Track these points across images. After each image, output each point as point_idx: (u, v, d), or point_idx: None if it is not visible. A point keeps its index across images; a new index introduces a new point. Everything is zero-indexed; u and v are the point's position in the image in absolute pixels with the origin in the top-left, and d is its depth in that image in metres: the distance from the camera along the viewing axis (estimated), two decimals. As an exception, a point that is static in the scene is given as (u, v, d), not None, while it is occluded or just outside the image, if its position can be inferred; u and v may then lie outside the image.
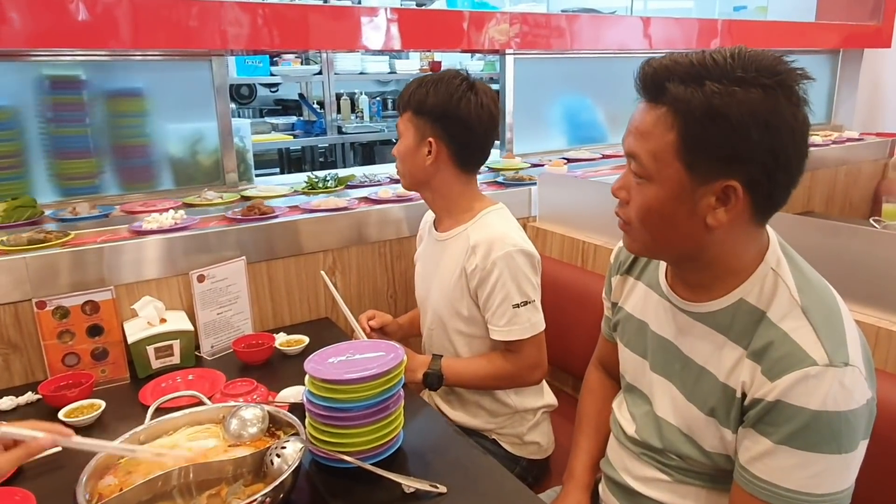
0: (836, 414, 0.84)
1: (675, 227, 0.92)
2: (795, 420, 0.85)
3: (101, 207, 1.97)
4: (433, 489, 1.08)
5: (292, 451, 1.04)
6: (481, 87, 1.49)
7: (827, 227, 1.45)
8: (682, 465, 1.06)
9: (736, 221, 0.90)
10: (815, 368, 0.84)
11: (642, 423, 1.13)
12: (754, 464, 0.90)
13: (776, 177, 0.87)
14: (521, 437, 1.60)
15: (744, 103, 0.83)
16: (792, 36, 3.49)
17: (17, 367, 1.56)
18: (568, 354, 1.92)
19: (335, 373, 1.12)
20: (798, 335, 0.88)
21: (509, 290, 1.44)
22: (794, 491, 0.87)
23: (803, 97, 0.87)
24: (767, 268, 0.94)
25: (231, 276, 1.71)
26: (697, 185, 0.88)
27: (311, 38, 2.08)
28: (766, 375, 0.88)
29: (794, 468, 0.87)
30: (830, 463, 0.86)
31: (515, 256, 1.44)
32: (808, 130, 0.88)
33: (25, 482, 1.14)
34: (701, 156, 0.87)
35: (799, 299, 0.91)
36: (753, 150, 0.85)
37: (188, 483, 1.02)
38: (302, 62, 5.10)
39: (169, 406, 1.31)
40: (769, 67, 0.85)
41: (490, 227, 1.50)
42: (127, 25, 1.77)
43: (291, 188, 2.29)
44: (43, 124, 2.03)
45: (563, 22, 2.65)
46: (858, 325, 1.30)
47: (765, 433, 0.89)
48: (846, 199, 3.42)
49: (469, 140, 1.49)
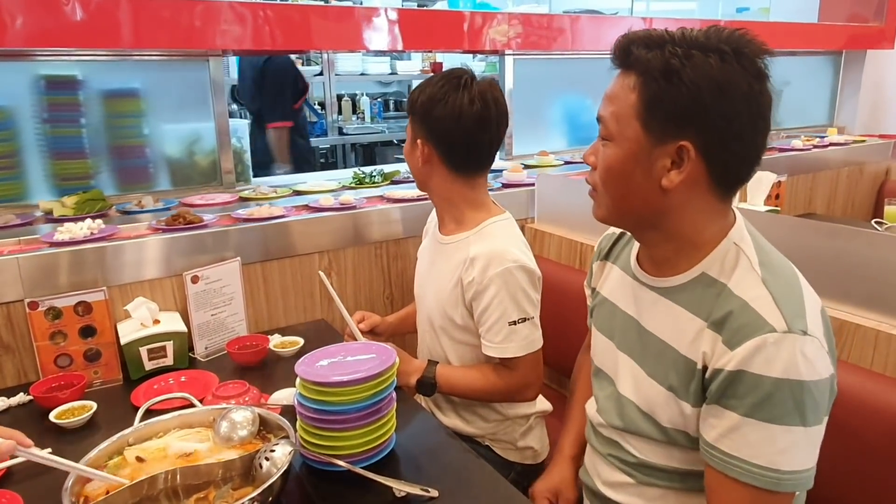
0: (799, 383, 0.84)
1: (632, 188, 0.94)
2: (758, 389, 0.85)
3: (164, 201, 2.07)
4: (424, 493, 1.07)
5: (282, 454, 1.03)
6: (478, 84, 1.42)
7: (827, 229, 1.43)
8: (644, 462, 1.06)
9: (692, 189, 0.92)
10: (773, 335, 0.84)
11: (605, 405, 1.13)
12: (722, 440, 0.90)
13: (730, 145, 0.89)
14: (514, 443, 1.58)
15: (700, 66, 0.86)
16: (794, 37, 3.47)
17: (8, 368, 1.55)
18: (565, 356, 1.90)
19: (326, 375, 1.11)
20: (757, 304, 0.88)
21: (506, 307, 1.40)
22: (762, 467, 0.86)
23: (763, 70, 0.89)
24: (730, 243, 0.95)
25: (225, 276, 1.70)
26: (653, 145, 0.91)
27: (312, 39, 2.07)
28: (727, 345, 0.88)
29: (762, 443, 0.86)
30: (796, 436, 0.86)
31: (514, 272, 1.40)
32: (767, 104, 0.90)
33: (13, 485, 1.13)
34: (657, 115, 0.90)
35: (759, 271, 0.91)
36: (706, 112, 0.87)
37: (175, 486, 1.01)
38: (303, 63, 5.09)
39: (160, 408, 1.29)
40: (731, 37, 0.88)
41: (491, 239, 1.45)
42: (124, 25, 1.76)
43: (339, 183, 2.37)
44: (39, 124, 2.02)
45: (564, 23, 2.63)
46: (859, 328, 1.30)
47: (729, 407, 0.88)
48: (848, 201, 3.40)
49: (453, 141, 1.43)
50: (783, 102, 3.93)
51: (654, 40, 0.90)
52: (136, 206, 2.00)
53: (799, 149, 3.12)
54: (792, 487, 0.87)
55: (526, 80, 2.87)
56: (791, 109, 3.92)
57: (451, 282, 1.48)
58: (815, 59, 3.90)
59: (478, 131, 1.43)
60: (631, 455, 1.09)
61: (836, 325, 1.34)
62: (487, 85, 1.43)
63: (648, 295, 1.04)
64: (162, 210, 2.00)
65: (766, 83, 0.89)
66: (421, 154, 1.46)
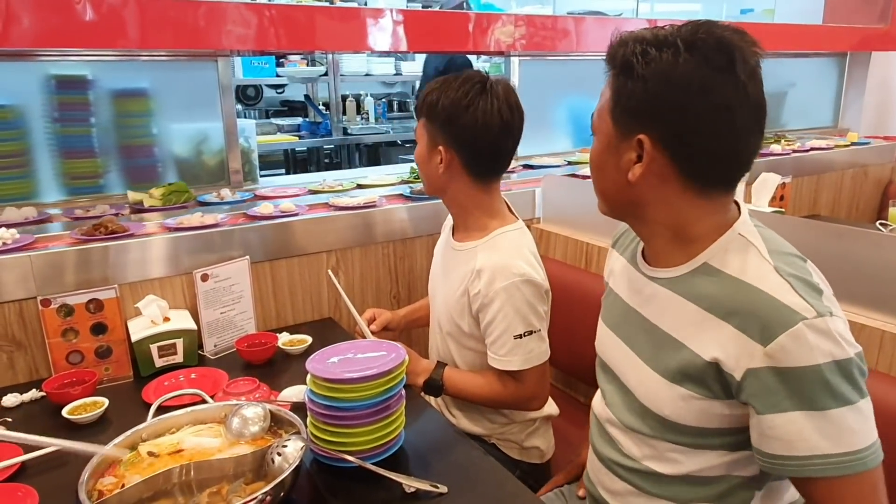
0: (847, 360, 0.83)
1: (608, 180, 0.99)
2: (811, 381, 0.82)
3: (240, 193, 2.19)
4: (434, 489, 1.08)
5: (293, 449, 1.04)
6: (499, 88, 1.40)
7: (833, 230, 1.44)
8: (646, 468, 1.04)
9: (664, 183, 0.93)
10: (805, 323, 0.82)
11: (612, 399, 1.11)
12: (796, 445, 0.85)
13: (688, 138, 0.90)
14: (520, 444, 1.59)
15: (652, 61, 0.89)
16: (799, 39, 3.47)
17: (21, 364, 1.56)
18: (572, 357, 1.91)
19: (336, 372, 1.12)
20: (778, 293, 0.86)
21: (511, 320, 1.38)
22: (845, 454, 0.83)
23: (731, 62, 0.87)
24: (734, 234, 0.95)
25: (234, 275, 1.72)
26: (621, 139, 0.94)
27: (318, 39, 2.08)
28: (758, 342, 0.85)
29: (836, 430, 0.83)
30: (861, 410, 0.84)
31: (520, 287, 1.38)
32: (736, 100, 0.88)
33: (28, 479, 1.15)
34: (621, 110, 0.94)
35: (771, 260, 0.90)
36: (659, 105, 0.89)
37: (189, 481, 1.02)
38: (308, 63, 5.11)
39: (171, 404, 1.31)
40: (693, 32, 0.89)
41: (498, 251, 1.43)
42: (133, 25, 1.77)
43: (398, 178, 2.50)
44: (49, 124, 2.04)
45: (568, 24, 2.64)
46: (864, 328, 1.31)
47: (789, 409, 0.84)
48: (853, 203, 3.40)
49: (480, 148, 1.41)
50: (788, 104, 3.94)
51: (625, 38, 0.93)
52: (216, 198, 2.12)
53: (778, 154, 3.07)
54: (876, 461, 0.85)
55: (531, 82, 2.88)
56: (796, 111, 3.93)
57: (459, 291, 1.47)
58: (819, 61, 3.91)
59: (504, 138, 1.43)
60: (631, 459, 1.06)
61: (841, 326, 1.35)
62: (506, 88, 1.42)
63: (649, 286, 1.04)
64: (238, 202, 2.10)
65: (734, 75, 0.87)
66: (443, 160, 1.44)
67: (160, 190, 2.05)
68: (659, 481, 1.03)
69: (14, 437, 1.09)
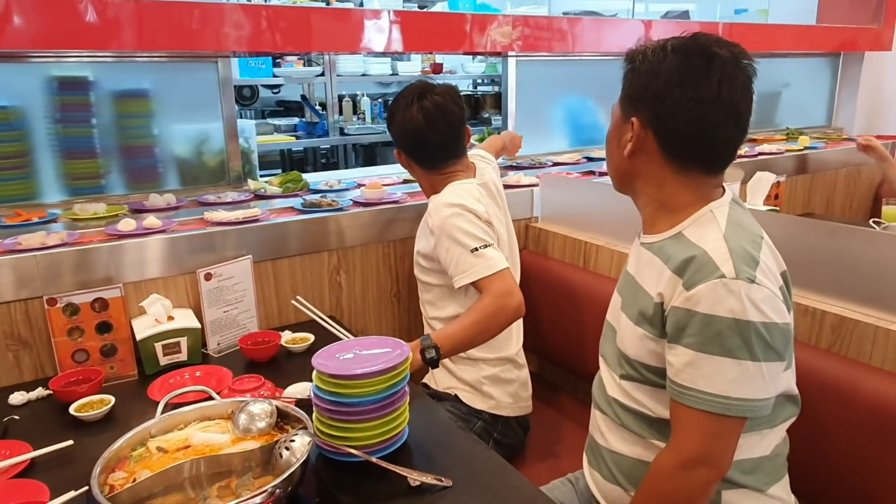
0: (746, 323, 0.98)
1: (612, 153, 1.20)
2: (708, 328, 0.99)
3: (345, 182, 2.43)
4: (438, 482, 1.10)
5: (300, 444, 1.06)
6: (425, 91, 1.68)
7: (828, 228, 1.47)
8: (620, 401, 1.19)
9: (650, 158, 1.12)
10: (723, 280, 0.98)
11: (604, 350, 1.29)
12: (681, 374, 1.03)
13: (667, 121, 1.08)
14: (479, 388, 1.69)
15: (647, 60, 1.09)
16: (793, 39, 3.50)
17: (26, 363, 1.58)
18: (571, 354, 1.94)
19: (342, 368, 1.14)
20: (714, 253, 1.02)
21: (460, 244, 1.57)
22: (713, 394, 1.00)
23: (711, 64, 1.04)
24: (707, 210, 1.11)
25: (237, 274, 1.73)
26: (623, 121, 1.14)
27: (314, 40, 2.10)
28: (684, 287, 1.02)
29: (713, 374, 0.99)
30: (745, 369, 0.99)
31: (451, 218, 1.59)
32: (707, 93, 1.04)
33: (38, 475, 1.16)
34: (624, 96, 1.15)
35: (724, 229, 1.06)
36: (643, 94, 1.10)
37: (199, 475, 1.04)
38: (304, 64, 5.11)
39: (177, 402, 1.32)
40: (686, 39, 1.08)
41: (444, 194, 1.67)
42: (134, 27, 1.79)
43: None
44: (50, 125, 2.05)
45: (564, 24, 2.67)
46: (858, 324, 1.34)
47: (684, 344, 1.02)
48: (846, 202, 3.44)
49: (418, 144, 1.71)
50: (782, 104, 3.97)
51: (643, 44, 1.13)
52: (325, 186, 2.35)
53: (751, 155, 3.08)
54: (741, 413, 1.00)
55: (528, 82, 2.91)
56: (789, 111, 3.96)
57: (422, 231, 1.74)
58: (813, 61, 3.94)
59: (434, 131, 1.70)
60: (611, 397, 1.21)
61: (835, 322, 1.38)
62: (436, 90, 1.71)
63: (640, 251, 1.20)
64: (340, 190, 2.31)
65: (708, 74, 1.04)
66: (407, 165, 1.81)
67: (278, 179, 2.38)
68: (629, 415, 1.18)
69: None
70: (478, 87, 6.36)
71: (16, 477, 1.15)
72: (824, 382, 1.28)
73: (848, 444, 1.24)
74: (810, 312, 1.42)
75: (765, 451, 1.12)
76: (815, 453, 1.27)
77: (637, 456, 1.17)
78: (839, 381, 1.27)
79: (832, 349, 1.39)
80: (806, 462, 1.25)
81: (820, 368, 1.30)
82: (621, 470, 1.20)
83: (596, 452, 1.27)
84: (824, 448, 1.27)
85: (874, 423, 1.21)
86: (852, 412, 1.23)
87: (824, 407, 1.26)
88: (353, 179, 2.51)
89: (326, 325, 1.63)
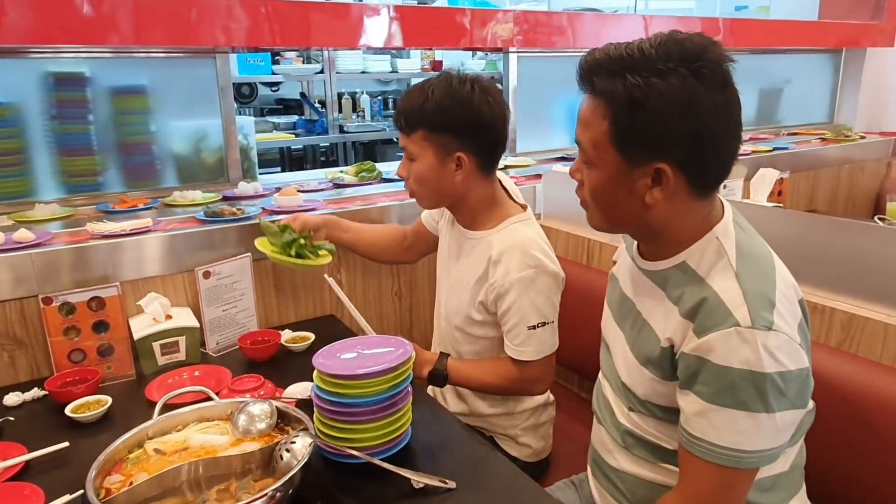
0: (762, 375, 0.89)
1: (618, 206, 1.02)
2: (721, 379, 0.91)
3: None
4: (442, 485, 1.08)
5: (302, 446, 1.04)
6: (486, 84, 1.43)
7: (838, 224, 1.45)
8: (631, 431, 1.13)
9: (674, 198, 0.98)
10: (737, 329, 0.90)
11: (606, 371, 1.23)
12: (690, 423, 0.96)
13: (704, 156, 0.95)
14: (515, 439, 1.60)
15: (662, 93, 0.90)
16: (794, 35, 3.49)
17: (22, 363, 1.55)
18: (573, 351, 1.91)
19: (344, 368, 1.12)
20: (727, 297, 0.93)
21: (526, 312, 1.41)
22: (724, 447, 0.93)
23: (726, 78, 0.93)
24: (713, 237, 1.01)
25: (236, 272, 1.71)
26: (632, 168, 0.97)
27: (313, 36, 2.08)
28: (695, 333, 0.95)
29: (725, 426, 0.92)
30: (758, 421, 0.91)
31: (536, 278, 1.41)
32: (735, 108, 0.95)
33: (33, 478, 1.14)
34: (630, 142, 0.95)
35: (735, 266, 0.97)
36: (676, 135, 0.93)
37: (197, 478, 1.02)
38: (303, 61, 5.08)
39: (176, 402, 1.30)
40: (689, 55, 0.91)
41: (513, 240, 1.44)
42: (131, 22, 1.76)
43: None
44: (47, 121, 2.02)
45: (565, 20, 2.64)
46: (868, 321, 1.32)
47: (696, 392, 0.95)
48: (849, 198, 3.42)
49: (497, 144, 1.46)
50: (783, 100, 3.95)
51: (614, 66, 0.94)
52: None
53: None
54: (753, 465, 0.94)
55: (529, 78, 2.88)
56: (791, 107, 3.94)
57: (472, 279, 1.49)
58: (815, 57, 3.92)
59: (504, 128, 1.48)
60: (620, 423, 1.15)
61: (845, 319, 1.36)
62: (487, 80, 1.46)
63: (640, 277, 1.11)
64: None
65: (731, 89, 0.94)
66: (458, 168, 1.44)
67: (353, 168, 2.45)
68: (638, 444, 1.12)
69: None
70: (477, 84, 6.32)
71: (10, 480, 1.13)
72: (834, 382, 1.25)
73: (860, 445, 1.22)
74: (819, 310, 1.39)
75: (784, 468, 1.07)
76: (826, 456, 1.25)
77: (647, 478, 1.12)
78: (849, 380, 1.25)
79: (841, 347, 1.37)
80: (818, 466, 1.22)
81: (829, 367, 1.27)
82: (630, 489, 1.15)
83: (603, 467, 1.21)
84: (836, 451, 1.25)
85: (886, 423, 1.18)
86: (863, 412, 1.21)
87: (834, 407, 1.24)
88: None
89: (352, 311, 1.53)
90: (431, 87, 1.41)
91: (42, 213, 1.88)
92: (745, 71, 0.99)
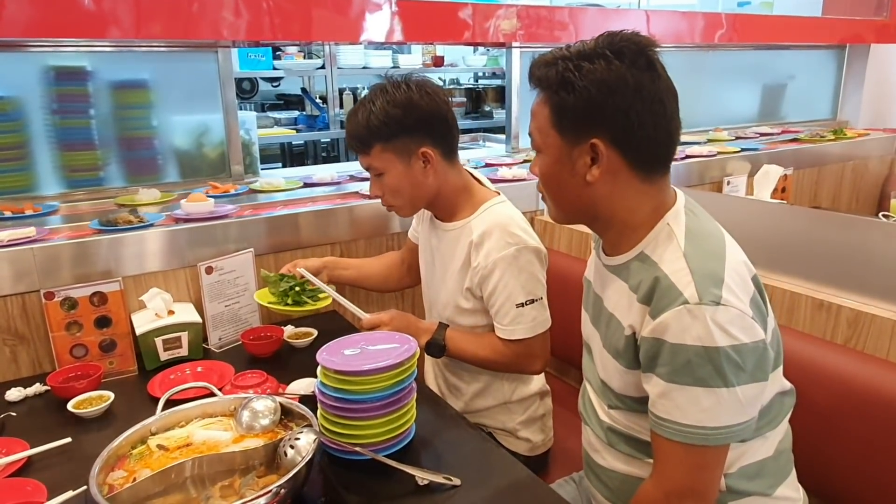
0: (715, 349, 0.92)
1: (564, 188, 1.07)
2: (677, 357, 0.94)
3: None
4: (447, 481, 1.07)
5: (306, 442, 1.03)
6: (419, 79, 1.46)
7: (843, 220, 1.45)
8: (612, 426, 1.15)
9: (615, 177, 1.02)
10: (686, 307, 0.93)
11: (588, 374, 1.25)
12: (655, 405, 0.99)
13: (635, 133, 1.00)
14: (514, 433, 1.59)
15: (588, 73, 0.98)
16: (797, 31, 3.47)
17: (24, 358, 1.55)
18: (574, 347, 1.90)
19: (348, 364, 1.11)
20: (675, 277, 0.97)
21: (512, 290, 1.42)
22: (690, 426, 0.95)
23: (651, 62, 0.99)
24: (664, 223, 1.05)
25: (239, 268, 1.70)
26: (571, 147, 1.03)
27: (314, 30, 2.07)
28: (651, 316, 0.98)
29: (687, 404, 0.94)
30: (719, 397, 0.93)
31: (519, 255, 1.42)
32: (662, 91, 1.00)
33: (36, 473, 1.13)
34: (566, 121, 1.02)
35: (683, 246, 1.00)
36: (603, 110, 0.99)
37: (201, 474, 1.01)
38: (305, 56, 5.06)
39: (178, 398, 1.29)
40: (615, 41, 1.00)
41: (493, 220, 1.46)
42: (132, 15, 1.75)
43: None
44: (47, 115, 2.01)
45: (567, 15, 2.63)
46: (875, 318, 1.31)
47: (657, 374, 0.97)
48: (853, 195, 3.41)
49: (450, 128, 1.49)
50: (787, 97, 3.94)
51: (550, 60, 1.03)
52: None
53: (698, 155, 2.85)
54: (722, 441, 0.96)
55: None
56: (795, 104, 3.93)
57: (457, 267, 1.50)
58: (818, 54, 3.91)
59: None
60: (603, 421, 1.17)
61: (851, 316, 1.35)
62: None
63: (606, 273, 1.14)
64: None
65: (658, 73, 1.00)
66: (426, 163, 1.46)
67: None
68: (621, 440, 1.14)
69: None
70: (479, 80, 6.31)
71: (12, 475, 1.12)
72: (840, 379, 1.25)
73: (865, 442, 1.21)
74: (825, 307, 1.39)
75: (768, 453, 1.08)
76: (831, 452, 1.24)
77: (634, 475, 1.13)
78: (856, 377, 1.24)
79: (848, 344, 1.36)
80: (822, 461, 1.22)
81: (836, 364, 1.27)
82: (618, 487, 1.17)
83: (594, 468, 1.23)
84: (840, 446, 1.24)
85: (892, 420, 1.18)
86: (869, 410, 1.20)
87: (840, 404, 1.23)
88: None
89: (338, 299, 1.56)
90: (371, 102, 1.43)
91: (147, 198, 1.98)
92: (748, 67, 1.00)
